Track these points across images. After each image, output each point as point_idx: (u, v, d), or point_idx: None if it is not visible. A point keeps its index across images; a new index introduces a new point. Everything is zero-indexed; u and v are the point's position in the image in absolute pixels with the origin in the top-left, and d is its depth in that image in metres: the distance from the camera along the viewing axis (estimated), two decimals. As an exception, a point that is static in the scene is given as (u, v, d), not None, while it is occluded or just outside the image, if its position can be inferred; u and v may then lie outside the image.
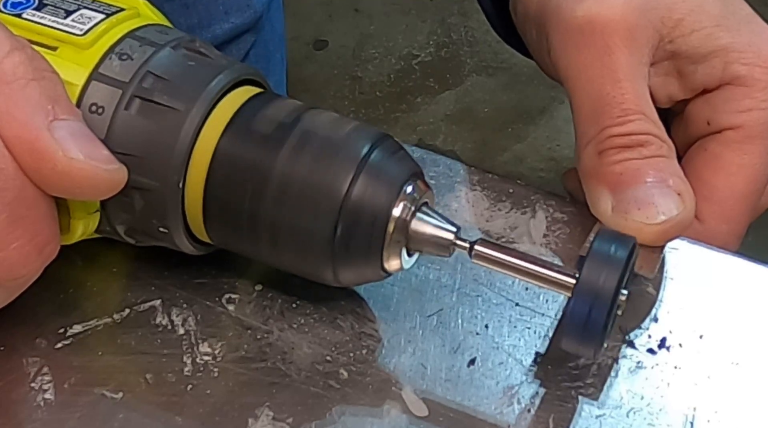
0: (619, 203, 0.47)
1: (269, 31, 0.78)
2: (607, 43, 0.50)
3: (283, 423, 0.42)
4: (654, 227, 0.47)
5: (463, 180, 0.53)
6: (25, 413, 0.42)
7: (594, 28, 0.50)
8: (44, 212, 0.40)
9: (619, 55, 0.50)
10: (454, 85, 2.01)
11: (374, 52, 2.07)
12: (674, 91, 0.53)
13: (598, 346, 0.42)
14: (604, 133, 0.49)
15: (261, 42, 0.76)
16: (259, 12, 0.74)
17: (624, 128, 0.48)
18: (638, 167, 0.48)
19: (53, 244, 0.41)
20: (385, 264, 0.43)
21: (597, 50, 0.50)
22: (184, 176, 0.42)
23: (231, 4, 0.71)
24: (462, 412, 0.43)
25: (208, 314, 0.46)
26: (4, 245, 0.39)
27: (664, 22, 0.52)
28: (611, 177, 0.48)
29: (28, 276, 0.41)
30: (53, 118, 0.39)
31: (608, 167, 0.48)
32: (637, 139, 0.48)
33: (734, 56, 0.52)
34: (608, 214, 0.48)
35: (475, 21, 2.13)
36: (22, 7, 0.44)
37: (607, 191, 0.48)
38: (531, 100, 1.97)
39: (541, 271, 0.43)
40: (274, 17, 0.79)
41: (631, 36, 0.50)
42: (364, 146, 0.42)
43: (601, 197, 0.48)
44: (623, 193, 0.47)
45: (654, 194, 0.47)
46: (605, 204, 0.48)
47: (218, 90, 0.43)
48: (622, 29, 0.50)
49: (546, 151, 1.88)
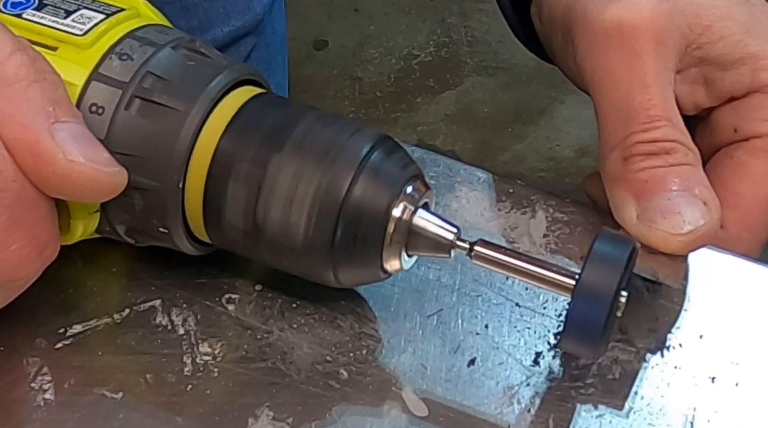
0: (644, 212, 0.47)
1: (270, 34, 0.78)
2: (634, 47, 0.49)
3: (283, 423, 0.42)
4: (680, 237, 0.46)
5: (463, 180, 0.53)
6: (25, 413, 0.42)
7: (622, 32, 0.50)
8: (44, 214, 0.40)
9: (647, 59, 0.49)
10: (454, 85, 2.01)
11: (374, 52, 2.07)
12: (700, 98, 0.53)
13: (597, 347, 0.42)
14: (630, 139, 0.48)
15: (262, 44, 0.76)
16: (260, 14, 0.74)
17: (650, 135, 0.48)
18: (664, 174, 0.47)
19: (53, 246, 0.41)
20: (385, 265, 0.43)
21: (624, 54, 0.49)
22: (184, 177, 0.42)
23: (232, 7, 0.71)
24: (462, 412, 0.43)
25: (208, 314, 0.46)
26: (3, 247, 0.39)
27: (692, 29, 0.51)
28: (636, 184, 0.47)
29: (28, 278, 0.41)
30: (54, 120, 0.39)
31: (633, 174, 0.47)
32: (663, 146, 0.47)
33: (764, 64, 0.51)
34: (633, 222, 0.47)
35: (475, 21, 2.13)
36: (22, 7, 0.44)
37: (631, 198, 0.47)
38: (531, 100, 1.97)
39: (541, 272, 0.43)
40: (275, 19, 0.79)
41: (660, 41, 0.50)
42: (364, 146, 0.42)
43: (625, 205, 0.47)
44: (648, 201, 0.47)
45: (680, 203, 0.46)
46: (630, 212, 0.47)
47: (218, 90, 0.43)
48: (650, 34, 0.50)
49: (546, 151, 1.88)
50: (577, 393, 0.44)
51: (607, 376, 0.45)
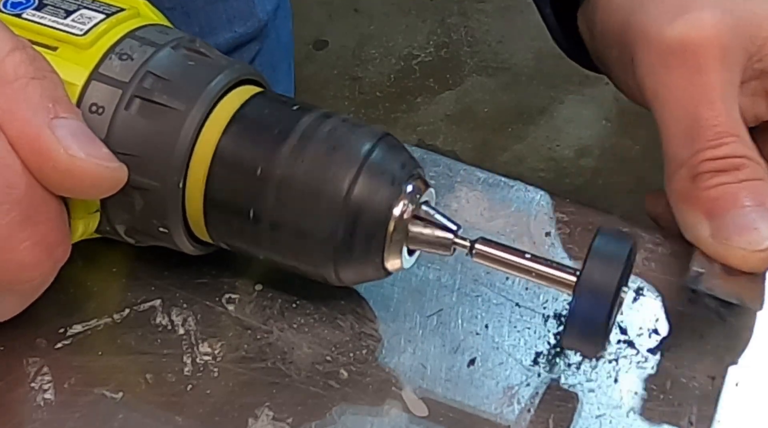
0: (718, 230, 0.46)
1: (274, 40, 0.77)
2: (699, 63, 0.49)
3: (283, 423, 0.42)
4: (759, 254, 0.45)
5: (463, 180, 0.53)
6: (25, 413, 0.42)
7: (686, 49, 0.49)
8: (54, 212, 0.40)
9: (713, 75, 0.49)
10: (454, 85, 2.01)
11: (374, 52, 2.07)
12: (762, 111, 0.52)
13: (599, 344, 0.42)
14: (698, 156, 0.47)
15: (266, 51, 0.75)
16: (263, 21, 0.73)
17: (719, 151, 0.47)
18: (735, 191, 0.46)
19: (64, 245, 0.41)
20: (385, 263, 0.43)
21: (689, 71, 0.49)
22: (184, 176, 0.42)
23: (234, 13, 0.70)
24: (462, 412, 0.43)
25: (208, 314, 0.46)
26: (14, 244, 0.39)
27: (753, 41, 0.50)
28: (707, 202, 0.47)
29: (41, 279, 0.41)
30: (54, 116, 0.39)
31: (704, 192, 0.47)
32: (732, 162, 0.47)
33: None
34: (708, 241, 0.46)
35: (475, 21, 2.13)
36: (22, 7, 0.44)
37: (703, 216, 0.47)
38: (531, 100, 1.97)
39: (542, 269, 0.43)
40: (280, 26, 0.78)
41: (724, 57, 0.49)
42: (365, 145, 0.42)
43: (697, 223, 0.47)
44: (722, 218, 0.46)
45: (755, 218, 0.46)
46: (703, 230, 0.46)
47: (218, 90, 0.43)
48: (715, 50, 0.49)
49: (546, 151, 1.88)
50: (577, 393, 0.44)
51: (608, 377, 0.45)
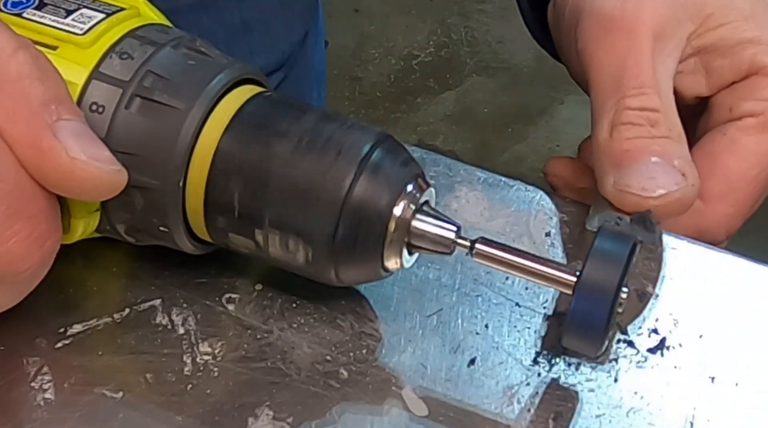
0: (620, 178, 0.48)
1: (303, 68, 0.77)
2: (633, 28, 0.51)
3: (283, 422, 0.42)
4: (651, 201, 0.47)
5: (463, 180, 0.53)
6: (25, 413, 0.42)
7: (623, 18, 0.51)
8: (44, 207, 0.40)
9: (645, 41, 0.51)
10: (454, 85, 2.01)
11: (374, 52, 2.08)
12: (700, 88, 0.54)
13: (599, 344, 0.42)
14: (620, 104, 0.49)
15: (291, 80, 0.74)
16: (287, 53, 0.73)
17: (638, 101, 0.49)
18: (645, 145, 0.48)
19: (53, 239, 0.41)
20: (386, 263, 0.43)
21: (622, 34, 0.51)
22: (184, 175, 0.42)
23: (255, 46, 0.69)
24: (462, 412, 0.43)
25: (208, 314, 0.46)
26: (3, 238, 0.39)
27: (692, 19, 0.52)
28: (618, 153, 0.48)
29: (31, 272, 0.41)
30: (57, 117, 0.39)
31: (617, 143, 0.49)
32: (648, 116, 0.49)
33: (762, 49, 0.52)
34: (609, 189, 0.48)
35: (475, 21, 2.13)
36: (22, 7, 0.44)
37: (611, 166, 0.49)
38: (531, 100, 1.97)
39: (542, 269, 0.43)
40: (309, 54, 0.77)
41: (660, 29, 0.51)
42: (365, 145, 0.42)
43: (606, 174, 0.49)
44: (626, 168, 0.48)
45: (657, 170, 0.48)
46: (609, 180, 0.48)
47: (219, 89, 0.43)
48: (651, 21, 0.51)
49: (546, 151, 1.88)
50: (577, 392, 0.44)
51: (608, 376, 0.45)
